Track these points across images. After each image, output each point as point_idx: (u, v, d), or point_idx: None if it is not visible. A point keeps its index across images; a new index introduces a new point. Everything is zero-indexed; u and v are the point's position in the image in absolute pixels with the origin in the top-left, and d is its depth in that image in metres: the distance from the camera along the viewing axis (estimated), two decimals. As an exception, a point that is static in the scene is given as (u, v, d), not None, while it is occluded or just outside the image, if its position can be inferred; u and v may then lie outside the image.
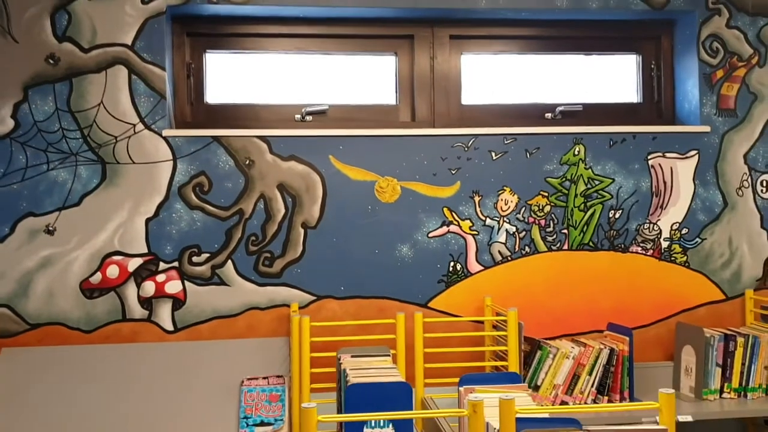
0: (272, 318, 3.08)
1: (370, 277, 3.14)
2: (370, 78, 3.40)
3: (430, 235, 3.18)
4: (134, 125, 3.04)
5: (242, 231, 3.08)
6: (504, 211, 3.22)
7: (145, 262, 3.03)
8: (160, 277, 3.04)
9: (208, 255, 3.06)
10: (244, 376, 2.87)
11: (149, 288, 3.03)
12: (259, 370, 2.91)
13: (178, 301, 3.05)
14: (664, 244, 3.29)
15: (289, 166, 3.11)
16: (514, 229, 3.22)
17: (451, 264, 3.18)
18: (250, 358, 2.95)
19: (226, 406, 2.76)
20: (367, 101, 3.35)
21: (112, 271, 3.01)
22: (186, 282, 3.05)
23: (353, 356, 2.60)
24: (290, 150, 3.11)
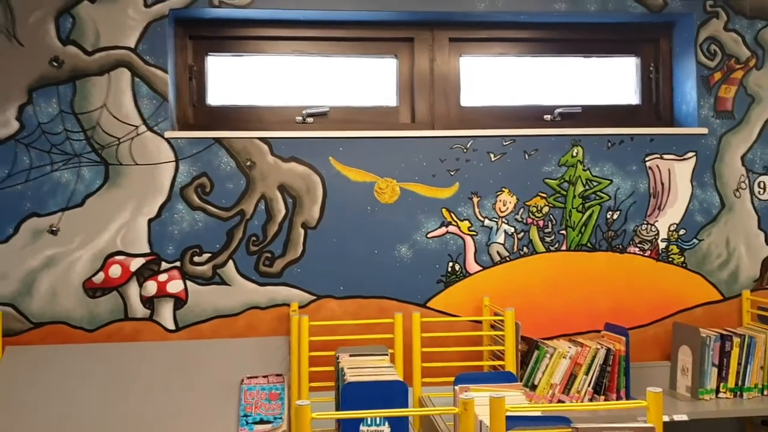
0: (272, 317, 3.11)
1: (370, 277, 3.17)
2: (371, 80, 3.42)
3: (429, 236, 3.21)
4: (137, 127, 3.07)
5: (243, 231, 3.12)
6: (502, 212, 3.25)
7: (147, 262, 3.07)
8: (162, 277, 3.07)
9: (210, 255, 3.10)
10: (244, 374, 2.90)
11: (151, 287, 3.07)
12: (259, 368, 2.93)
13: (179, 301, 3.08)
14: (662, 245, 3.31)
15: (289, 167, 3.15)
16: (513, 230, 3.25)
17: (450, 264, 3.21)
18: (250, 357, 2.98)
19: (226, 404, 2.79)
20: (368, 103, 3.38)
21: (115, 271, 3.05)
22: (187, 282, 3.09)
23: (351, 355, 2.63)
24: (291, 151, 3.15)
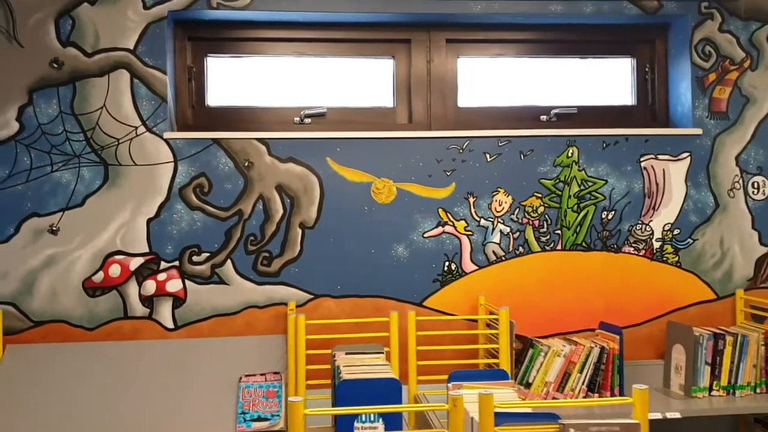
0: (270, 316, 3.14)
1: (367, 276, 3.20)
2: (368, 81, 3.45)
3: (426, 236, 3.24)
4: (136, 128, 3.10)
5: (241, 231, 3.15)
6: (498, 211, 3.27)
7: (146, 262, 3.10)
8: (161, 276, 3.10)
9: (208, 254, 3.13)
10: (242, 372, 2.93)
11: (150, 287, 3.10)
12: (257, 366, 2.96)
13: (178, 300, 3.11)
14: (656, 245, 3.34)
15: (287, 167, 3.18)
16: (508, 230, 3.28)
17: (446, 264, 3.24)
18: (248, 355, 3.01)
19: (224, 402, 2.82)
20: (365, 104, 3.41)
21: (114, 270, 3.08)
22: (186, 281, 3.12)
23: (347, 353, 2.67)
24: (289, 152, 3.17)
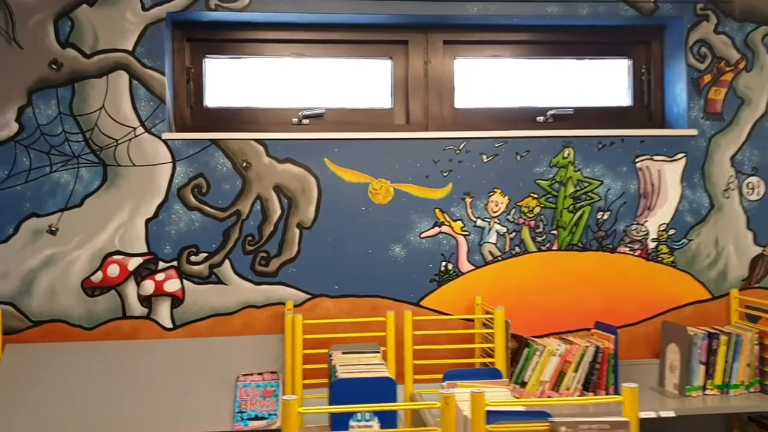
0: (268, 316, 3.16)
1: (364, 276, 3.22)
2: (366, 82, 3.47)
3: (423, 236, 3.26)
4: (135, 129, 3.12)
5: (239, 231, 3.17)
6: (495, 212, 3.29)
7: (144, 262, 3.12)
8: (160, 276, 3.12)
9: (206, 254, 3.15)
10: (239, 371, 2.95)
11: (149, 286, 3.12)
12: (255, 366, 2.98)
13: (176, 299, 3.13)
14: (652, 245, 3.36)
15: (285, 168, 3.19)
16: (505, 230, 3.30)
17: (443, 264, 3.26)
18: (245, 355, 3.03)
19: (222, 401, 2.84)
20: (363, 105, 3.43)
21: (113, 270, 3.10)
22: (184, 281, 3.14)
23: (344, 353, 2.69)
24: (286, 152, 3.19)
